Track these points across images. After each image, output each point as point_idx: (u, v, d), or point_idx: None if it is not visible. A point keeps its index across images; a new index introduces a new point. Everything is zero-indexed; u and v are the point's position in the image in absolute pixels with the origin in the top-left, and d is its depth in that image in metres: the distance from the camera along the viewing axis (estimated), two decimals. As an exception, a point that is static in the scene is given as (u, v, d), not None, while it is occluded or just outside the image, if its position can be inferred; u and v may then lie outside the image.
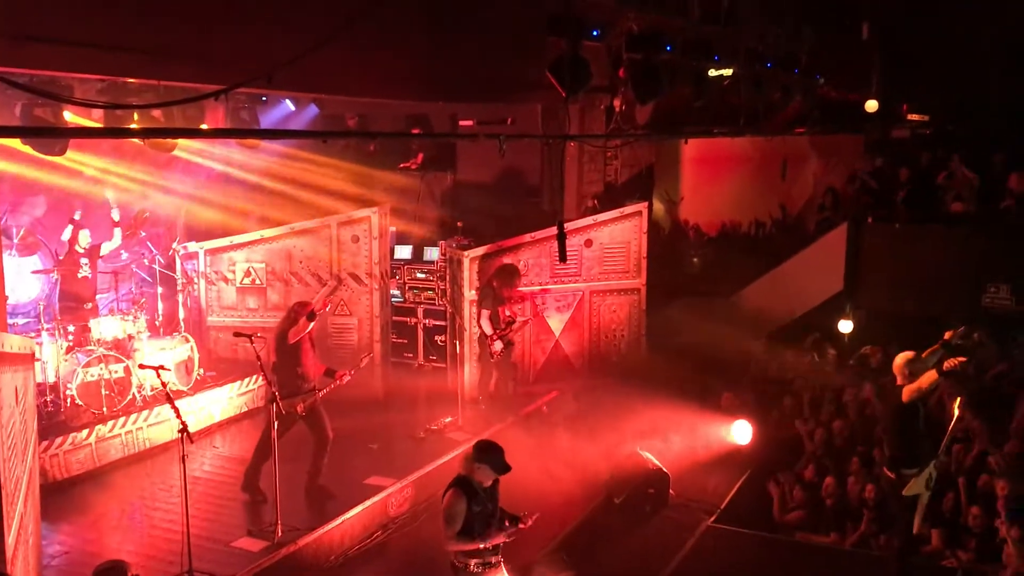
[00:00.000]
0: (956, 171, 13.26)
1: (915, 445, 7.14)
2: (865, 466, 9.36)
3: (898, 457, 7.20)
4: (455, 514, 5.80)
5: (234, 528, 8.01)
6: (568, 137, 8.77)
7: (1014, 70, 14.07)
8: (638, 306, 12.38)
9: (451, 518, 5.81)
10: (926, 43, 14.38)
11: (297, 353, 8.30)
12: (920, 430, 7.17)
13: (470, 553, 5.90)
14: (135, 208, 11.60)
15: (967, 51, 14.31)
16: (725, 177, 16.74)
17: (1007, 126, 13.62)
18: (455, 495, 5.84)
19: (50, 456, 8.80)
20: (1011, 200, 12.82)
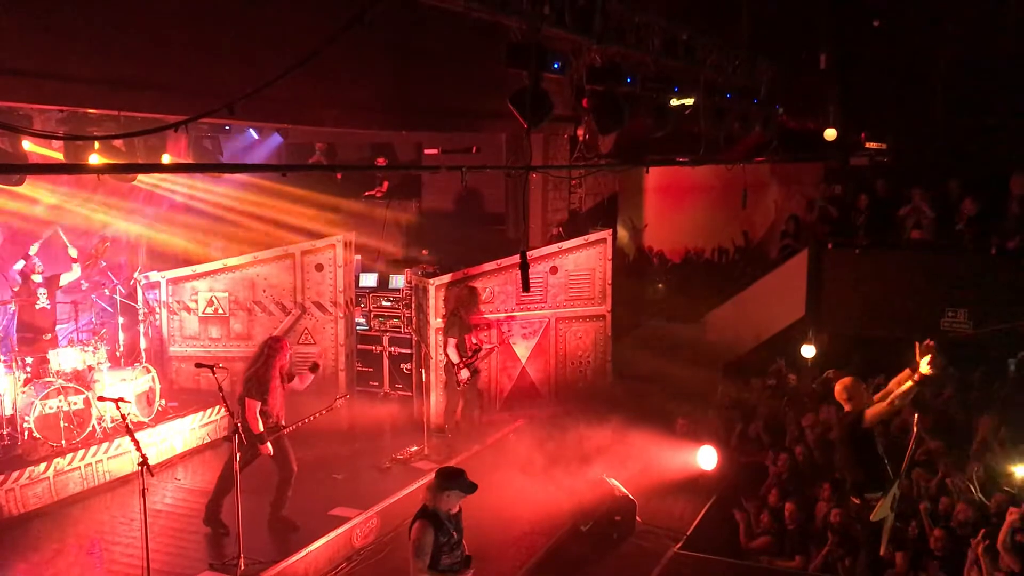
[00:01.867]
0: (918, 205, 13.53)
1: (875, 468, 7.22)
2: (836, 490, 9.43)
3: (860, 482, 7.27)
4: (424, 546, 5.77)
5: (196, 562, 7.90)
6: (530, 168, 8.83)
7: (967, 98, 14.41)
8: (603, 332, 12.44)
9: (420, 550, 5.77)
10: (883, 72, 14.70)
11: (265, 392, 8.22)
12: (878, 453, 7.26)
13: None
14: (95, 237, 11.49)
15: (922, 80, 14.64)
16: (688, 205, 16.94)
17: (960, 153, 13.94)
18: (423, 527, 5.81)
19: (5, 491, 8.63)
20: (964, 224, 13.08)
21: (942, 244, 13.23)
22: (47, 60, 7.15)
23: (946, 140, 14.18)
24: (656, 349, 13.87)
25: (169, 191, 12.93)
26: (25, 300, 9.93)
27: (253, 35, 8.45)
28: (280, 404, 8.37)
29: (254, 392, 8.15)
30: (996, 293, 12.71)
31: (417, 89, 10.80)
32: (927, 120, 14.53)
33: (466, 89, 11.40)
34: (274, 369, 8.27)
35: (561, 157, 14.10)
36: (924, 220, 13.50)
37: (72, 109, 8.56)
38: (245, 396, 8.18)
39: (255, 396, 8.14)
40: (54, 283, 10.22)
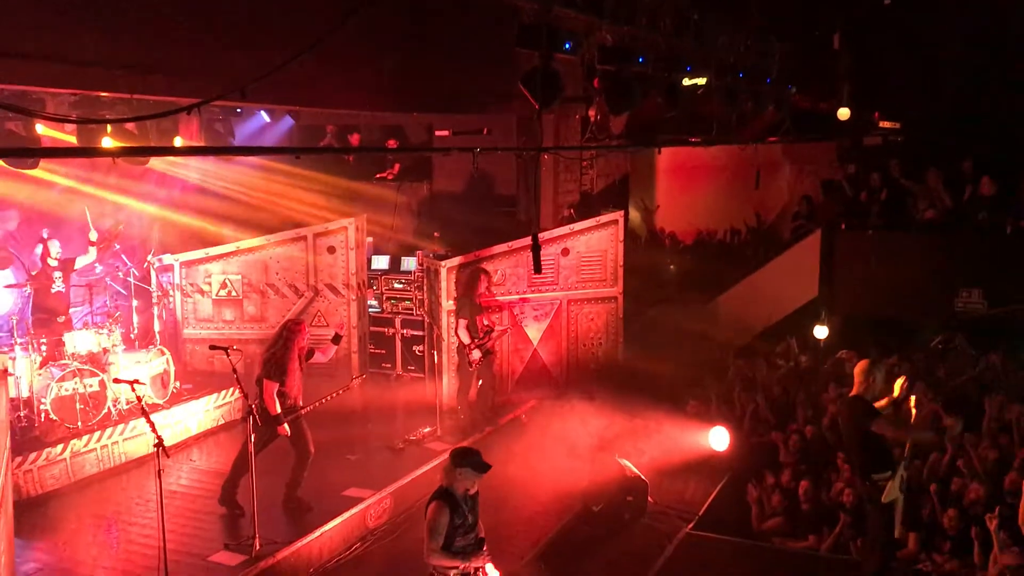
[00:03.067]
0: (934, 187, 13.44)
1: (882, 450, 7.20)
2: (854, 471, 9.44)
3: (867, 464, 7.24)
4: (438, 526, 5.81)
5: (211, 542, 7.97)
6: (542, 149, 8.82)
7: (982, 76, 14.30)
8: (615, 314, 12.43)
9: (434, 531, 5.81)
10: (896, 51, 14.59)
11: (283, 374, 8.28)
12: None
13: (445, 565, 5.91)
14: (109, 221, 11.55)
15: (936, 58, 14.53)
16: (700, 186, 16.89)
17: (975, 132, 13.83)
18: (438, 507, 5.84)
19: (24, 472, 8.71)
20: (984, 206, 12.99)
21: (956, 224, 13.15)
22: (59, 43, 7.18)
23: (960, 119, 14.07)
24: (668, 331, 13.86)
25: (182, 174, 12.98)
26: (41, 284, 10.00)
27: (264, 18, 8.45)
28: (298, 386, 8.42)
29: (272, 374, 8.21)
30: (1012, 272, 12.64)
31: (427, 71, 10.78)
32: (941, 99, 14.42)
33: (477, 70, 11.37)
34: (292, 351, 8.32)
35: (572, 138, 14.07)
36: (939, 203, 13.42)
37: (84, 92, 8.59)
38: (263, 377, 8.23)
39: (273, 378, 8.20)
40: (69, 266, 10.29)
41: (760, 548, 8.78)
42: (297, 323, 8.60)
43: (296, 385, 8.38)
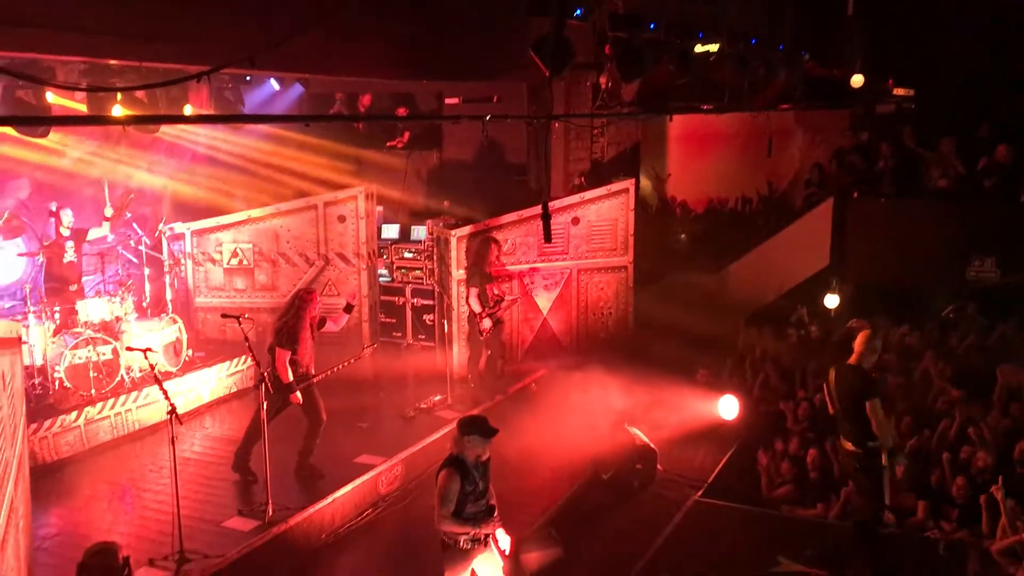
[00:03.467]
0: (947, 155, 13.31)
1: None
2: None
3: (863, 432, 7.25)
4: (449, 493, 5.85)
5: (224, 508, 8.06)
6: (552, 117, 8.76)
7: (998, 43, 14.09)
8: (625, 283, 12.42)
9: (445, 497, 5.86)
10: (911, 17, 14.38)
11: (295, 342, 8.32)
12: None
13: (456, 531, 5.97)
14: (120, 189, 11.57)
15: (951, 24, 14.32)
16: (712, 154, 16.77)
17: (990, 100, 13.67)
18: (449, 474, 5.89)
19: (39, 439, 8.81)
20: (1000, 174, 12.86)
21: (970, 192, 13.03)
22: (69, 12, 7.15)
23: (975, 86, 13.90)
24: (678, 300, 13.84)
25: (191, 142, 12.98)
26: (53, 253, 10.04)
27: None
28: (309, 354, 8.46)
29: (284, 342, 8.25)
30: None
31: (437, 38, 10.70)
32: (956, 65, 14.23)
33: (487, 37, 11.29)
34: (304, 320, 8.35)
35: (583, 105, 13.97)
36: (952, 171, 13.29)
37: (94, 60, 8.58)
38: (275, 346, 8.28)
39: (285, 346, 8.24)
40: (81, 237, 10.33)
41: (769, 515, 8.81)
42: (309, 292, 8.63)
43: (308, 353, 8.43)
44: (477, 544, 6.03)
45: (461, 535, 5.96)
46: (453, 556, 6.03)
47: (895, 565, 7.72)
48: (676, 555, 8.07)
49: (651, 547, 8.17)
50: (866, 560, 7.43)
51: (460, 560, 6.03)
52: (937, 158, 13.48)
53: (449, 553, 6.04)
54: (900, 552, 7.96)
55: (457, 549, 6.00)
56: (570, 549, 7.83)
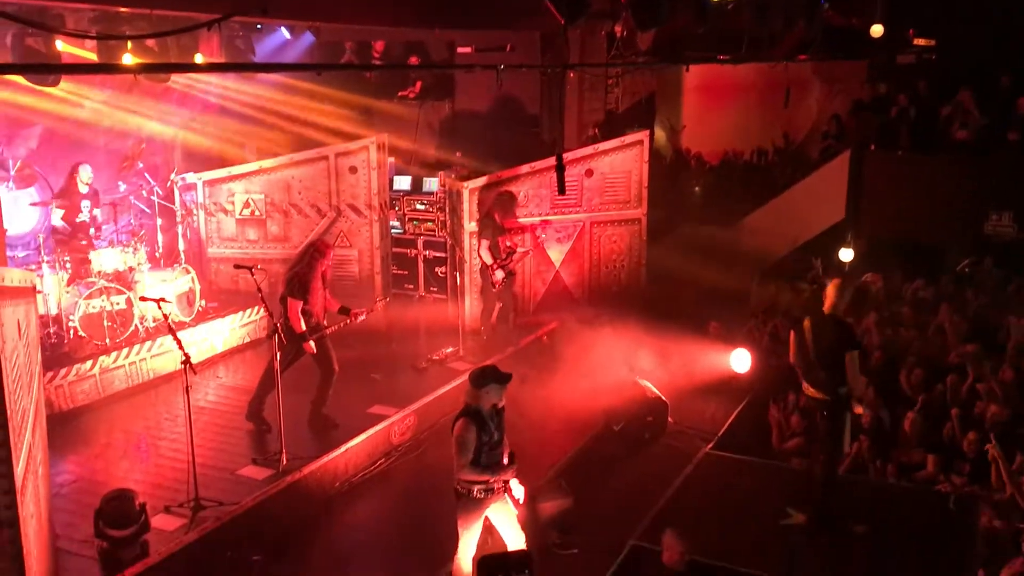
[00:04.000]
0: (965, 106, 13.09)
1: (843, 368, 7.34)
2: (879, 395, 9.45)
3: (837, 379, 7.28)
4: (466, 442, 5.89)
5: (239, 457, 8.14)
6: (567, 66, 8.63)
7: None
8: (639, 236, 12.36)
9: (463, 446, 5.90)
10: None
11: (306, 292, 8.32)
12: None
13: (474, 480, 6.02)
14: (131, 139, 11.54)
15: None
16: (728, 105, 16.55)
17: (1013, 49, 13.37)
18: (466, 424, 5.92)
19: (55, 387, 8.90)
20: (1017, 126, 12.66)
21: (989, 146, 12.84)
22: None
23: (998, 36, 13.61)
24: (692, 253, 13.78)
25: (203, 92, 12.87)
26: (67, 205, 10.03)
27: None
28: (321, 304, 8.48)
29: (296, 291, 8.26)
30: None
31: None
32: (977, 16, 13.92)
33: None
34: (316, 271, 8.36)
35: (598, 55, 13.78)
36: (971, 121, 13.08)
37: (104, 8, 8.49)
38: (287, 296, 8.30)
39: (297, 296, 8.25)
40: (97, 199, 10.33)
41: (779, 468, 8.85)
42: (324, 244, 8.65)
43: (320, 304, 8.45)
44: (490, 494, 6.10)
45: (476, 485, 6.01)
46: (467, 505, 6.09)
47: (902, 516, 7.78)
48: (686, 507, 8.12)
49: (661, 499, 8.23)
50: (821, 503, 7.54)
51: (473, 509, 6.10)
52: (956, 108, 13.26)
53: (463, 502, 6.10)
54: (907, 505, 8.01)
55: (471, 498, 6.07)
56: (581, 500, 7.91)
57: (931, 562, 7.17)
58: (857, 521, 7.64)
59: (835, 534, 7.53)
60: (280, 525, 7.50)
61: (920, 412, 8.98)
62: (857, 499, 8.10)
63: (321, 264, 8.40)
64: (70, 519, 6.98)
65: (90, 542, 6.54)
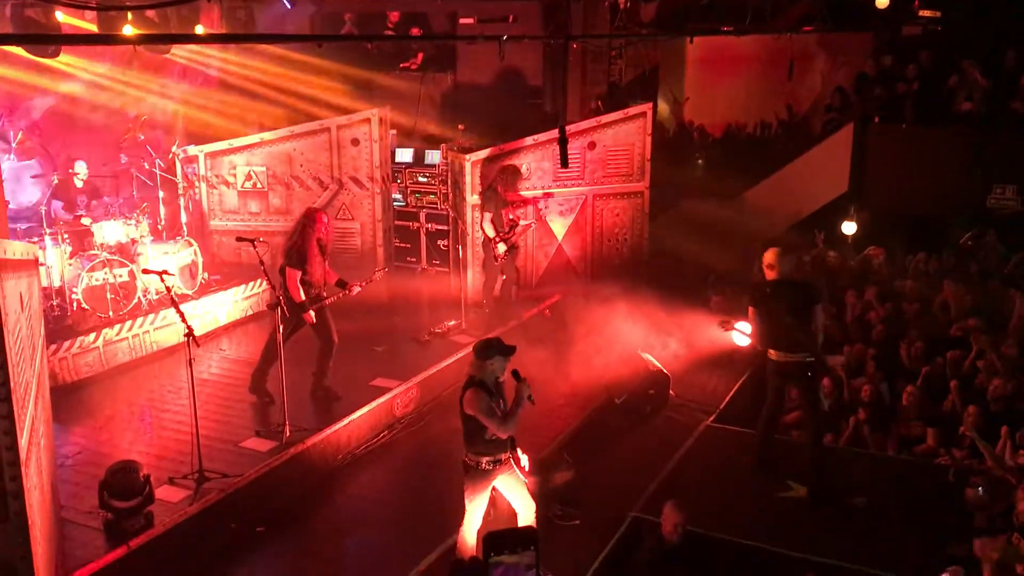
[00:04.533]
0: (968, 73, 12.99)
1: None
2: (880, 368, 9.47)
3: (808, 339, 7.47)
4: (487, 407, 5.94)
5: (242, 429, 8.18)
6: (569, 37, 8.57)
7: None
8: (641, 209, 12.32)
9: (488, 412, 5.95)
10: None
11: (304, 262, 8.33)
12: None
13: (482, 451, 6.08)
14: (132, 112, 11.50)
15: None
16: (731, 77, 16.44)
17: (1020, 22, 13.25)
18: (476, 393, 5.96)
19: (59, 359, 8.93)
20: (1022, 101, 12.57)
21: (993, 119, 12.76)
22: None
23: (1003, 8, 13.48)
24: (694, 226, 13.75)
25: (203, 65, 12.81)
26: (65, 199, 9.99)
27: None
28: (321, 275, 8.49)
29: (294, 262, 8.28)
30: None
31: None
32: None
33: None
34: (311, 239, 8.35)
35: (601, 26, 13.67)
36: (976, 92, 12.99)
37: (103, -22, 8.41)
38: (286, 266, 8.31)
39: (295, 266, 8.26)
40: (94, 192, 10.32)
41: (779, 441, 8.87)
42: (314, 211, 8.65)
43: (319, 273, 8.46)
44: (498, 465, 6.16)
45: (483, 458, 6.09)
46: (475, 477, 6.17)
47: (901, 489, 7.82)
48: (687, 479, 8.17)
49: (662, 471, 8.27)
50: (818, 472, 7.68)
51: (481, 480, 6.17)
52: (961, 80, 13.16)
53: (471, 474, 6.18)
54: (907, 478, 8.05)
55: (479, 470, 6.15)
56: (583, 472, 7.95)
57: (930, 534, 7.21)
58: (856, 494, 7.70)
59: (835, 506, 7.58)
60: (284, 497, 7.56)
61: (920, 386, 9.00)
62: (856, 472, 8.15)
63: (315, 232, 8.39)
64: (75, 490, 7.04)
65: (95, 513, 6.60)
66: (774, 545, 7.03)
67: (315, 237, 8.38)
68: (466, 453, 6.15)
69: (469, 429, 6.10)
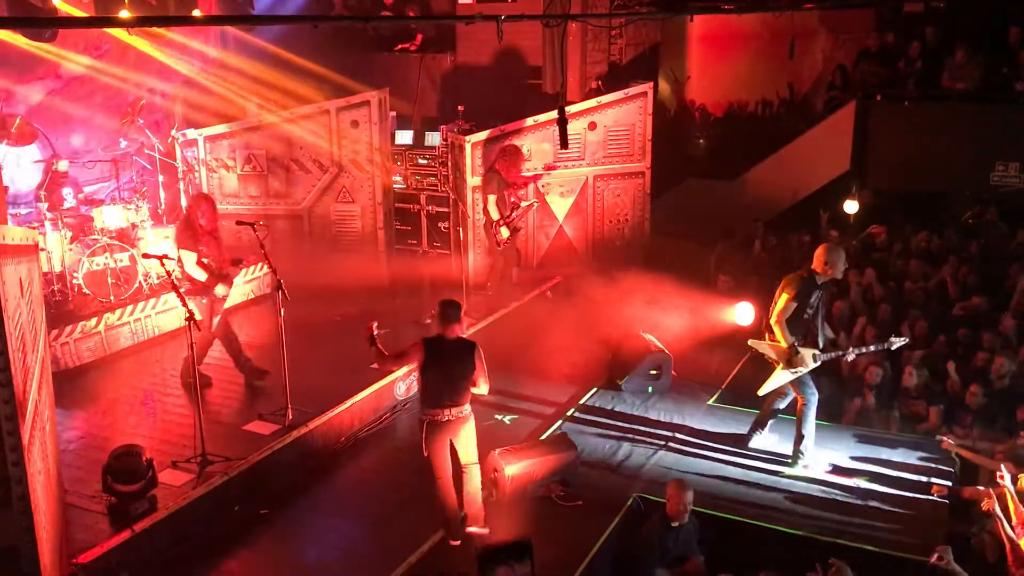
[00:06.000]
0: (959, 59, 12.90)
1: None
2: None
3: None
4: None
5: (245, 413, 8.22)
6: (569, 17, 8.50)
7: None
8: (642, 190, 12.28)
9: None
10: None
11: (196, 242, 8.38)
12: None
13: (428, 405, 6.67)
14: (130, 95, 11.45)
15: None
16: (733, 56, 16.32)
17: None
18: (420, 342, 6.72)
19: (61, 344, 8.94)
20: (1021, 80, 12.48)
21: (996, 95, 12.67)
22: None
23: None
24: (696, 206, 13.71)
25: (201, 48, 12.72)
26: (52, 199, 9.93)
27: None
28: (219, 254, 8.55)
29: (188, 243, 8.32)
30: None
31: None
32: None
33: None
34: (195, 220, 8.39)
35: (601, 5, 13.56)
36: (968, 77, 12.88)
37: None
38: (179, 248, 8.41)
39: (189, 247, 8.30)
40: (78, 186, 10.27)
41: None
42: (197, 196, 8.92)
43: (216, 253, 8.51)
44: (455, 418, 6.63)
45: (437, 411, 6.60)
46: (432, 429, 6.65)
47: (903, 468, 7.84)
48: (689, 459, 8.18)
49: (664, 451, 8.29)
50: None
51: (438, 433, 6.66)
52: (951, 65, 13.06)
53: (429, 428, 6.65)
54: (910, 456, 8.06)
55: (437, 423, 6.62)
56: (584, 452, 7.98)
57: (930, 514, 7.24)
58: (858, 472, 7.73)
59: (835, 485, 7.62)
60: (287, 480, 7.59)
61: (923, 364, 8.99)
62: (858, 450, 8.17)
63: (197, 213, 8.41)
64: (78, 475, 7.07)
65: (98, 497, 6.64)
66: (774, 523, 7.06)
67: (197, 217, 8.42)
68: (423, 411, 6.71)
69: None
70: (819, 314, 7.72)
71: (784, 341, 7.63)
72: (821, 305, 7.74)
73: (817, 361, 7.72)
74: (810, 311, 7.65)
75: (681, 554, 6.45)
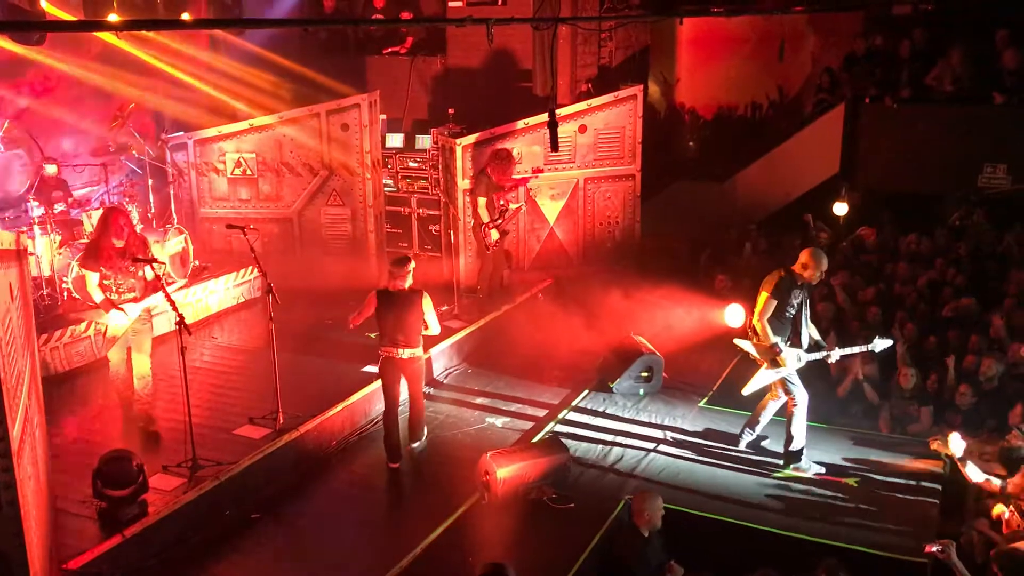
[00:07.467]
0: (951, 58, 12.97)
1: None
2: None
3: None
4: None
5: (236, 416, 8.18)
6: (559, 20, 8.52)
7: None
8: (633, 192, 12.30)
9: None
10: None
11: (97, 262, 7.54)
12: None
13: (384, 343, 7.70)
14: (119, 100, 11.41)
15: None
16: (722, 59, 16.38)
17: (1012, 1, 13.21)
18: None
19: (50, 349, 8.90)
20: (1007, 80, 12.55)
21: (984, 98, 12.74)
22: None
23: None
24: (686, 208, 13.73)
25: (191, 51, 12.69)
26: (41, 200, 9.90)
27: None
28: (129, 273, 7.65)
29: (89, 262, 7.55)
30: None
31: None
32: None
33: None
34: (108, 238, 7.52)
35: (591, 8, 13.58)
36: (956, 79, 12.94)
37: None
38: (81, 267, 7.73)
39: (90, 267, 7.53)
40: (68, 189, 10.23)
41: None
42: (112, 209, 7.90)
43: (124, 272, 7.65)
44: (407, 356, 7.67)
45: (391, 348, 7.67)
46: (387, 365, 7.76)
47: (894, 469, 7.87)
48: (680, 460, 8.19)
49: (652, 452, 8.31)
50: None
51: (392, 369, 7.76)
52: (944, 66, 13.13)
53: (384, 364, 7.76)
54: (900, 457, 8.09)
55: (391, 360, 7.71)
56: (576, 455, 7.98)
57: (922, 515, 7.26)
58: (850, 473, 7.76)
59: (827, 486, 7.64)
60: (278, 483, 7.57)
61: (913, 366, 9.02)
62: (850, 451, 8.19)
63: (110, 232, 7.49)
64: (68, 480, 7.03)
65: (89, 502, 6.61)
66: (766, 524, 7.07)
67: (110, 237, 7.52)
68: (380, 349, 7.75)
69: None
70: (803, 314, 7.71)
71: (767, 339, 7.63)
72: (805, 305, 7.73)
73: (801, 361, 7.75)
74: (791, 310, 7.65)
75: (660, 562, 6.38)
